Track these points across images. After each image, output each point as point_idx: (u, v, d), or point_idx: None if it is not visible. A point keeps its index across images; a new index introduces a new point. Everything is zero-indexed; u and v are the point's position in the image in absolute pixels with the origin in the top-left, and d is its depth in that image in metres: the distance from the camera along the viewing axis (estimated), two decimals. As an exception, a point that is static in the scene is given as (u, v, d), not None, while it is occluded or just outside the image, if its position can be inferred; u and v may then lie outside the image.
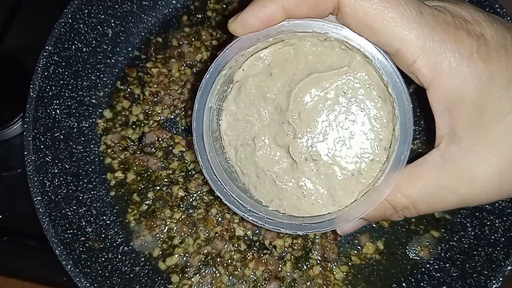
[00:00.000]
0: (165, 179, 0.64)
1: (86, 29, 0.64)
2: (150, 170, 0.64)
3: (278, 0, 0.35)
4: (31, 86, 0.57)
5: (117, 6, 0.67)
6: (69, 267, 0.52)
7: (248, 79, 0.40)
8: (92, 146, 0.66)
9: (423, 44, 0.33)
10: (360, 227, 0.44)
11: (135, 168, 0.64)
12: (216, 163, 0.40)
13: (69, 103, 0.63)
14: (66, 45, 0.61)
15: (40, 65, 0.58)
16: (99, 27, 0.66)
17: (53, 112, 0.60)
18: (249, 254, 0.60)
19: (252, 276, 0.59)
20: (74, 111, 0.64)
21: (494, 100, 0.33)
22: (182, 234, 0.61)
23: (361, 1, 0.33)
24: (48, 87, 0.59)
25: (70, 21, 0.60)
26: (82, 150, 0.64)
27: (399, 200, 0.38)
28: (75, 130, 0.64)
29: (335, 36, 0.37)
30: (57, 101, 0.61)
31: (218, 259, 0.60)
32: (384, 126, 0.39)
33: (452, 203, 0.37)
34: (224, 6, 0.72)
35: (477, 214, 0.59)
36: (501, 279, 0.51)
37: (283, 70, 0.40)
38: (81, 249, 0.56)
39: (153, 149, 0.65)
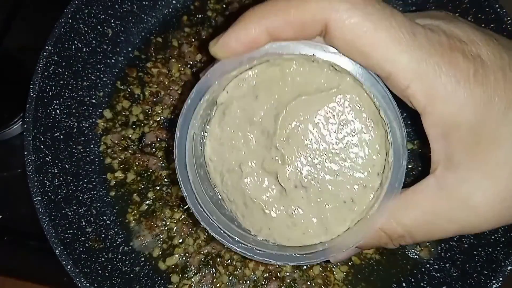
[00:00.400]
0: (165, 179, 0.64)
1: (86, 29, 0.64)
2: (150, 170, 0.64)
3: (261, 23, 0.33)
4: (31, 86, 0.57)
5: (117, 6, 0.67)
6: (69, 267, 0.52)
7: (233, 102, 0.38)
8: (92, 146, 0.66)
9: (416, 68, 0.31)
10: (354, 254, 0.42)
11: (135, 168, 0.64)
12: (201, 192, 0.38)
13: (69, 103, 0.63)
14: (66, 45, 0.61)
15: (40, 65, 0.58)
16: (99, 27, 0.66)
17: (53, 112, 0.60)
18: (249, 254, 0.60)
19: (252, 276, 0.59)
20: (74, 111, 0.64)
21: (492, 126, 0.32)
22: (182, 234, 0.61)
23: (350, 23, 0.31)
24: (48, 87, 0.59)
25: (70, 21, 0.60)
26: (82, 150, 0.64)
27: (394, 229, 0.36)
28: (75, 130, 0.64)
29: (323, 59, 0.35)
30: (57, 101, 0.61)
31: (218, 259, 0.60)
32: (376, 151, 0.37)
33: (450, 232, 0.35)
34: (224, 6, 0.72)
35: (477, 214, 0.59)
36: (501, 279, 0.51)
37: (269, 92, 0.38)
38: (81, 249, 0.56)
39: (153, 149, 0.65)
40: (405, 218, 0.36)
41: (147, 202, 0.63)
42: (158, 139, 0.65)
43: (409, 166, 0.63)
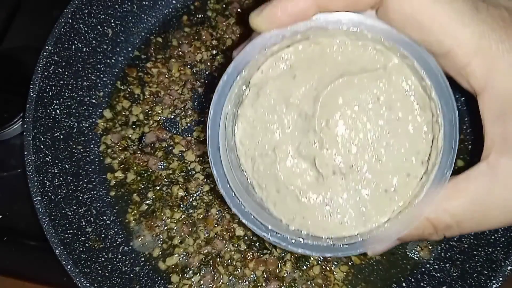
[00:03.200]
0: (165, 179, 0.64)
1: (86, 29, 0.64)
2: (150, 170, 0.64)
3: None
4: (31, 86, 0.57)
5: (117, 6, 0.67)
6: (69, 267, 0.52)
7: (268, 82, 0.36)
8: (92, 146, 0.66)
9: (478, 43, 0.29)
10: (394, 246, 0.39)
11: (135, 168, 0.64)
12: (232, 177, 0.36)
13: (69, 103, 0.63)
14: (66, 45, 0.61)
15: (40, 65, 0.58)
16: (99, 27, 0.66)
17: (53, 112, 0.60)
18: (249, 254, 0.60)
19: (252, 276, 0.59)
20: (74, 111, 0.64)
21: None
22: (182, 234, 0.61)
23: None
24: (48, 87, 0.59)
25: (70, 21, 0.60)
26: (82, 150, 0.64)
27: (442, 219, 0.33)
28: (75, 130, 0.64)
29: (373, 35, 0.33)
30: (57, 101, 0.61)
31: (218, 259, 0.60)
32: (422, 137, 0.35)
33: (502, 222, 0.33)
34: (224, 6, 0.72)
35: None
36: (501, 279, 0.51)
37: (308, 72, 0.35)
38: (81, 249, 0.56)
39: (153, 149, 0.65)
40: (454, 207, 0.33)
41: (147, 202, 0.63)
42: (158, 139, 0.66)
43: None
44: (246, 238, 0.61)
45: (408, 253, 0.60)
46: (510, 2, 0.32)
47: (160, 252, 0.61)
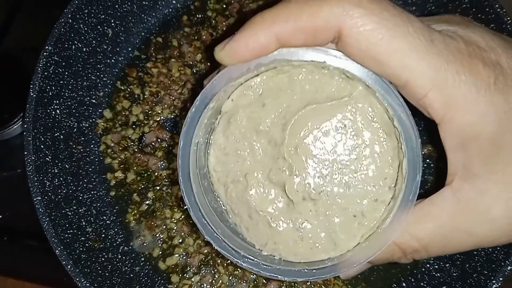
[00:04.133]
0: (165, 179, 0.64)
1: (86, 29, 0.64)
2: (150, 170, 0.64)
3: (271, 29, 0.31)
4: (31, 86, 0.57)
5: (117, 6, 0.67)
6: (69, 267, 0.52)
7: (239, 110, 0.37)
8: (92, 146, 0.66)
9: (435, 76, 0.30)
10: (365, 269, 0.40)
11: (135, 168, 0.64)
12: (204, 204, 0.37)
13: (69, 103, 0.63)
14: (66, 45, 0.61)
15: (40, 65, 0.58)
16: (99, 27, 0.66)
17: (53, 112, 0.60)
18: (249, 254, 0.60)
19: (252, 276, 0.59)
20: (74, 111, 0.64)
21: None
22: (182, 234, 0.61)
23: (365, 30, 0.30)
24: (48, 87, 0.59)
25: (70, 21, 0.60)
26: (82, 150, 0.64)
27: (409, 243, 0.34)
28: (75, 130, 0.64)
29: (335, 66, 0.33)
30: (57, 101, 0.61)
31: (218, 259, 0.60)
32: (388, 163, 0.35)
33: (467, 245, 0.34)
34: (224, 6, 0.72)
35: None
36: (501, 279, 0.51)
37: (277, 100, 0.36)
38: (81, 249, 0.56)
39: (153, 149, 0.65)
40: (420, 231, 0.34)
41: (147, 202, 0.63)
42: (158, 139, 0.65)
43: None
44: (246, 238, 0.61)
45: (408, 253, 0.60)
46: (468, 31, 0.32)
47: (160, 252, 0.61)
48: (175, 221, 0.61)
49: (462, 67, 0.30)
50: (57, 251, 0.52)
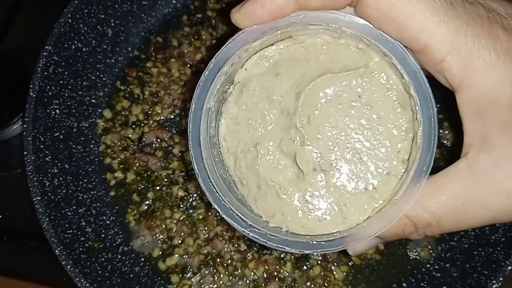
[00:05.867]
0: (165, 179, 0.64)
1: (86, 29, 0.64)
2: (150, 170, 0.64)
3: None
4: (31, 86, 0.57)
5: (117, 6, 0.67)
6: (69, 267, 0.52)
7: (252, 79, 0.36)
8: (92, 146, 0.66)
9: (454, 39, 0.29)
10: (374, 246, 0.39)
11: (135, 168, 0.64)
12: (213, 171, 0.36)
13: (69, 103, 0.63)
14: (66, 45, 0.61)
15: (40, 65, 0.58)
16: (99, 27, 0.66)
17: (53, 112, 0.60)
18: (249, 254, 0.60)
19: (252, 276, 0.59)
20: (74, 111, 0.64)
21: None
22: (182, 234, 0.61)
23: None
24: (48, 87, 0.59)
25: (70, 21, 0.60)
26: (82, 150, 0.64)
27: (421, 216, 0.33)
28: (75, 130, 0.64)
29: (351, 31, 0.33)
30: (57, 101, 0.61)
31: (218, 259, 0.60)
32: (402, 136, 0.35)
33: (482, 220, 0.33)
34: (224, 6, 0.72)
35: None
36: (501, 279, 0.51)
37: (291, 70, 0.36)
38: (81, 249, 0.56)
39: (153, 149, 0.65)
40: (433, 204, 0.33)
41: (147, 202, 0.63)
42: (158, 139, 0.65)
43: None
44: (246, 238, 0.61)
45: (408, 253, 0.60)
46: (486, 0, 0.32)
47: (160, 252, 0.61)
48: (175, 221, 0.61)
49: (482, 31, 0.29)
50: (57, 251, 0.52)
